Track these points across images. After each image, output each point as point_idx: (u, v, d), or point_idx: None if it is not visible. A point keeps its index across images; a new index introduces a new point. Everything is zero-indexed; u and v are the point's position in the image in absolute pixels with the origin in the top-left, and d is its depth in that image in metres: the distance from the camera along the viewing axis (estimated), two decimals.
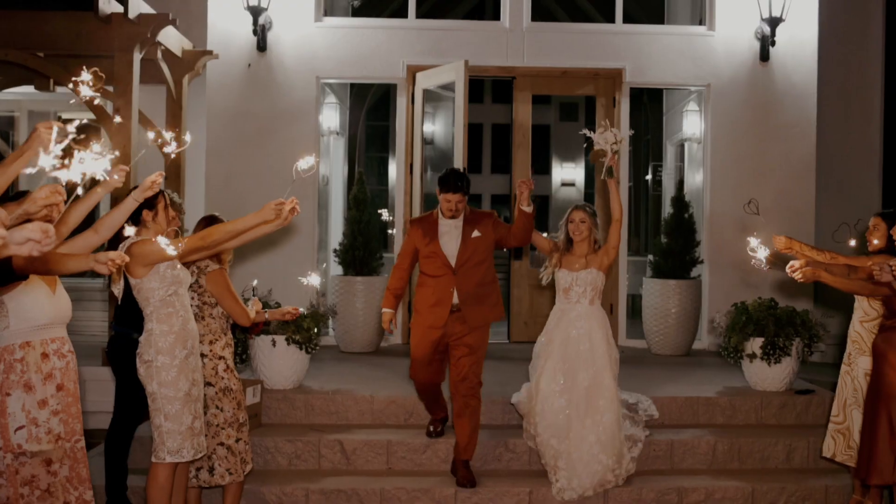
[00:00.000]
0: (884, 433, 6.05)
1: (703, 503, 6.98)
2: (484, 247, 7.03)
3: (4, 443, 4.78)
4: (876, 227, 6.58)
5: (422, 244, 7.07)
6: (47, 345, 4.92)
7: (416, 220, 7.35)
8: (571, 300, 7.00)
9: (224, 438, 6.02)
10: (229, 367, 6.04)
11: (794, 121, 11.05)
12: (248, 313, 6.14)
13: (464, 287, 6.96)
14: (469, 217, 7.08)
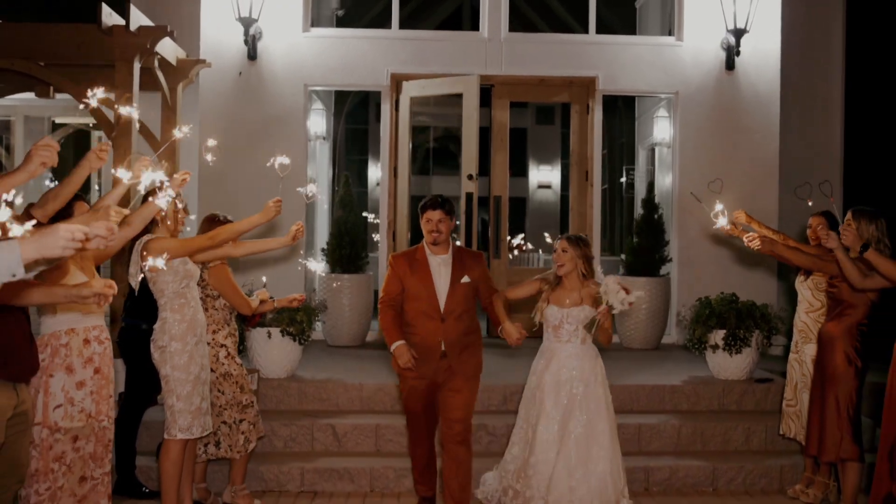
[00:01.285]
0: (831, 414, 6.65)
1: (667, 480, 7.57)
2: (471, 294, 6.54)
3: (44, 419, 5.34)
4: (819, 225, 7.13)
5: (410, 282, 6.45)
6: (89, 331, 5.50)
7: (400, 256, 6.66)
8: (562, 338, 6.44)
9: (226, 418, 6.59)
10: (230, 355, 6.60)
11: (759, 126, 11.65)
12: (249, 304, 6.70)
13: (451, 335, 6.41)
14: (457, 254, 6.58)
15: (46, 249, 3.20)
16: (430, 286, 6.44)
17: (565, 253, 6.46)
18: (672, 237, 11.58)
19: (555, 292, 6.49)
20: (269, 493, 7.22)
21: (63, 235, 3.19)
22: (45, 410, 5.37)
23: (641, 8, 14.75)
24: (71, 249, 3.23)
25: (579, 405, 6.30)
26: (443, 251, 6.51)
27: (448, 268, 6.48)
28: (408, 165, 11.64)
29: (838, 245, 6.15)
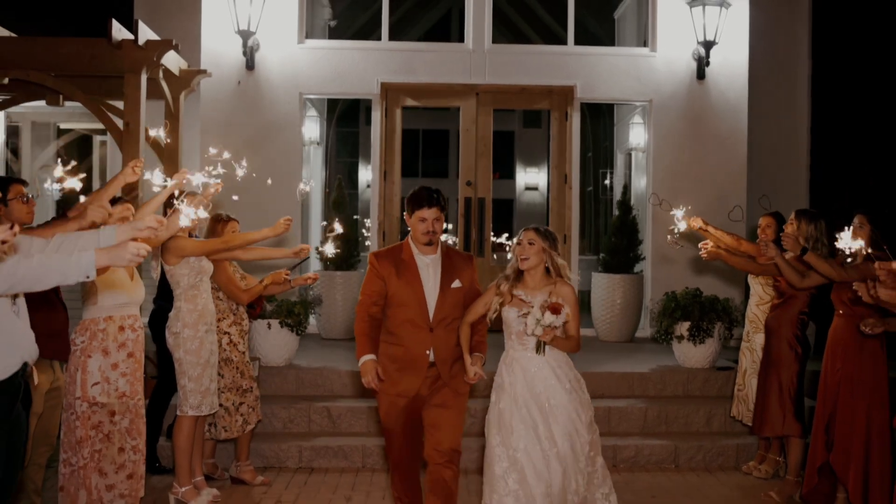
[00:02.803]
0: (774, 393, 7.41)
1: (633, 458, 8.28)
2: (461, 301, 5.91)
3: (83, 394, 6.15)
4: (769, 225, 7.89)
5: (394, 285, 5.79)
6: (124, 319, 6.32)
7: (383, 254, 5.96)
8: (528, 346, 5.71)
9: (223, 401, 7.30)
10: (232, 342, 7.31)
11: (728, 132, 12.36)
12: (241, 296, 7.32)
13: (441, 346, 5.81)
14: (447, 255, 5.96)
15: (116, 260, 4.01)
16: (419, 291, 5.78)
17: (531, 245, 5.74)
18: (646, 237, 12.28)
19: (516, 290, 5.77)
20: (270, 469, 7.93)
21: (131, 251, 4.02)
22: (83, 387, 6.17)
23: (619, 19, 15.46)
24: (136, 262, 4.02)
25: (554, 420, 5.59)
26: (432, 251, 5.87)
27: (437, 270, 5.85)
28: (398, 169, 12.34)
29: (776, 254, 6.84)
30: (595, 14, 15.74)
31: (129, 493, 6.38)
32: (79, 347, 6.22)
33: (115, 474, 6.30)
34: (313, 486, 7.66)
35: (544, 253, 5.77)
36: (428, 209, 5.77)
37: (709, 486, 7.80)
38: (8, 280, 3.96)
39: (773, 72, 13.19)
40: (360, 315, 5.89)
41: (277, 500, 7.23)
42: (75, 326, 6.33)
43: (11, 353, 4.23)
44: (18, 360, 4.26)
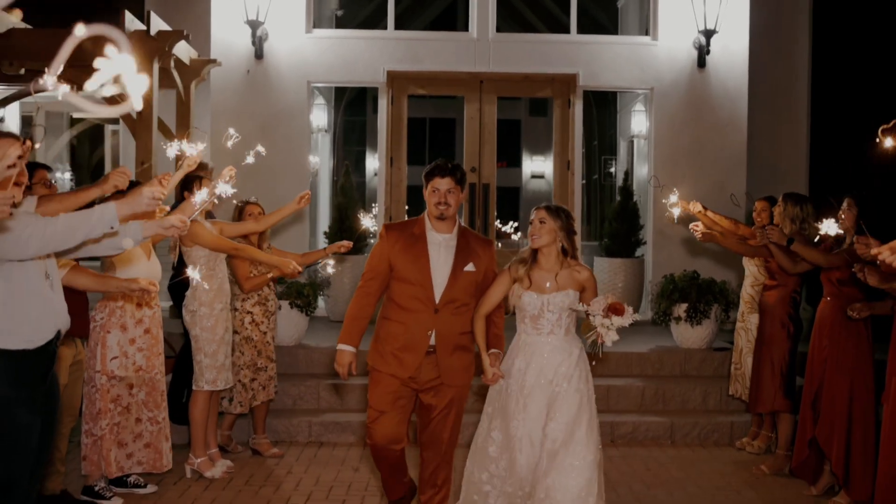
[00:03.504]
0: (766, 370, 7.69)
1: (630, 434, 8.57)
2: (474, 287, 5.59)
3: (102, 367, 6.49)
4: (763, 209, 8.19)
5: (401, 260, 5.49)
6: (142, 297, 6.49)
7: (394, 227, 5.69)
8: (542, 330, 5.53)
9: (241, 377, 7.61)
10: (254, 321, 7.62)
11: (728, 120, 12.60)
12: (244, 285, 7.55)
13: (444, 331, 5.51)
14: (463, 236, 5.64)
15: (135, 207, 4.30)
16: (425, 269, 5.46)
17: (543, 224, 5.55)
18: (647, 221, 12.55)
19: (532, 274, 5.56)
20: (281, 444, 8.24)
21: (146, 195, 4.30)
22: (103, 361, 6.51)
23: (622, 8, 15.69)
24: (154, 205, 4.31)
25: (558, 407, 5.41)
26: (447, 229, 5.55)
27: (451, 250, 5.53)
28: (405, 156, 12.63)
29: (777, 239, 7.11)
30: (598, 2, 15.97)
31: (147, 461, 6.76)
32: (98, 323, 6.56)
33: (132, 444, 6.67)
34: (322, 458, 7.98)
35: (557, 232, 5.53)
36: (441, 178, 5.47)
37: (703, 460, 8.08)
38: (39, 241, 4.22)
39: (773, 59, 13.42)
40: (358, 294, 5.60)
41: (289, 471, 7.55)
42: (95, 304, 6.66)
43: (46, 322, 4.51)
44: (53, 329, 4.54)
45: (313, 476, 7.47)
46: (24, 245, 4.22)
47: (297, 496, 6.94)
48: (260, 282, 7.59)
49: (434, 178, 5.50)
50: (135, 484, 6.84)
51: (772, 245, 7.21)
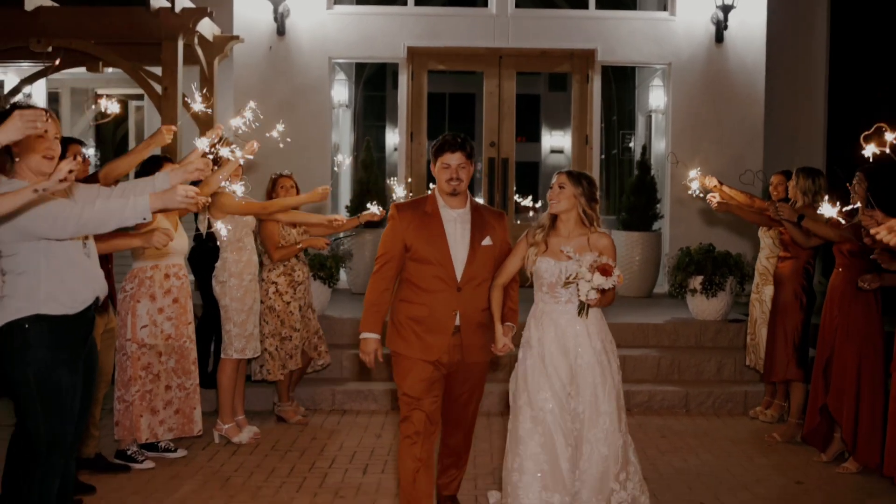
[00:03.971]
0: (780, 341, 7.86)
1: (646, 403, 8.76)
2: (491, 261, 5.48)
3: (133, 336, 6.76)
4: (780, 182, 8.34)
5: (416, 240, 5.34)
6: (170, 268, 6.92)
7: (405, 206, 5.51)
8: (560, 299, 5.37)
9: (267, 346, 7.84)
10: (279, 292, 7.83)
11: (745, 94, 12.72)
12: (274, 255, 7.78)
13: (467, 309, 5.38)
14: (476, 210, 5.53)
15: (168, 202, 4.54)
16: (444, 247, 5.34)
17: (562, 189, 5.39)
18: (664, 195, 12.70)
19: (550, 239, 5.42)
20: (305, 411, 8.45)
21: (180, 193, 4.51)
22: (133, 329, 6.78)
23: None
24: (185, 203, 4.52)
25: (582, 378, 5.30)
26: (460, 205, 5.43)
27: (466, 226, 5.41)
28: (425, 131, 12.82)
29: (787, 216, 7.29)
30: None
31: (178, 426, 7.02)
32: (128, 294, 6.81)
33: (163, 411, 6.92)
34: (346, 425, 8.21)
35: (576, 198, 5.35)
36: (451, 154, 5.33)
37: (716, 428, 8.27)
38: (76, 224, 4.48)
39: (791, 34, 13.51)
40: (374, 278, 5.42)
41: (313, 438, 7.79)
42: (125, 275, 6.90)
43: (85, 289, 4.77)
44: (91, 295, 4.81)
45: (337, 442, 7.70)
46: (61, 227, 4.49)
47: (322, 461, 7.17)
48: (288, 252, 7.80)
49: (444, 153, 5.35)
50: (165, 448, 7.10)
51: (786, 224, 7.39)
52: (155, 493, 6.37)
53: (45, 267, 4.63)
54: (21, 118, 3.90)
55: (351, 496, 6.39)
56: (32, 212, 4.41)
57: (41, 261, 4.62)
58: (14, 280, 4.61)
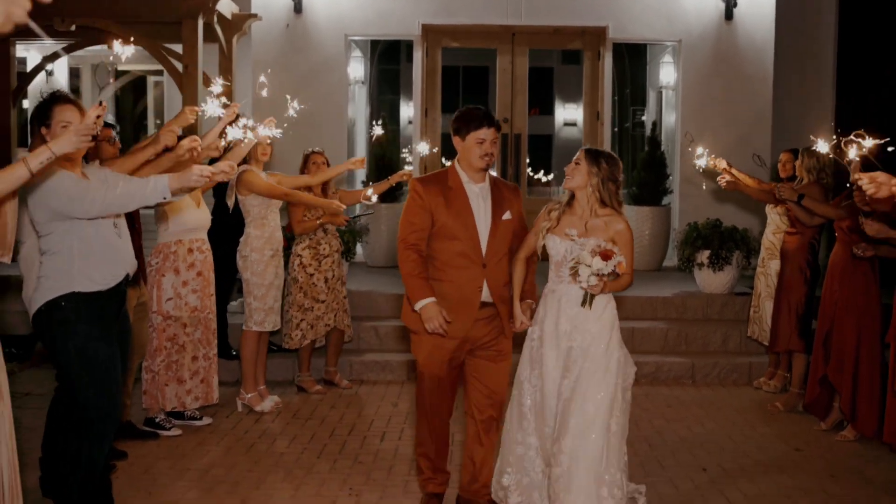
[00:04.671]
0: (784, 313, 8.14)
1: (654, 373, 9.05)
2: (511, 235, 5.43)
3: (158, 308, 7.05)
4: (788, 160, 8.59)
5: (444, 215, 5.26)
6: (193, 243, 7.19)
7: (427, 180, 5.41)
8: (564, 278, 5.21)
9: (290, 317, 8.19)
10: (303, 264, 8.19)
11: (754, 72, 12.90)
12: (296, 229, 8.20)
13: (493, 285, 5.35)
14: (494, 184, 5.48)
15: (185, 182, 4.80)
16: (471, 222, 5.29)
17: (578, 165, 5.26)
18: (674, 171, 12.94)
19: (564, 217, 5.30)
20: (324, 382, 8.76)
21: (196, 172, 4.78)
22: (158, 302, 7.08)
23: None
24: (202, 181, 4.81)
25: (573, 361, 5.17)
26: (481, 179, 5.38)
27: (487, 201, 5.36)
28: (439, 107, 13.08)
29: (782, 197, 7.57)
30: None
31: (203, 395, 7.36)
32: (154, 268, 7.11)
33: (190, 380, 7.24)
34: (363, 395, 8.53)
35: (588, 177, 5.21)
36: (487, 129, 5.24)
37: (721, 398, 8.56)
38: (101, 204, 4.79)
39: (800, 13, 13.62)
40: (404, 254, 5.30)
41: (332, 406, 8.10)
42: (151, 250, 7.21)
43: (115, 266, 5.07)
44: (122, 272, 5.11)
45: (355, 411, 8.01)
46: (87, 207, 4.80)
47: (341, 428, 7.49)
48: (309, 226, 8.15)
49: (480, 128, 5.24)
50: (191, 416, 7.43)
51: (790, 205, 7.69)
52: (183, 459, 6.70)
53: (78, 246, 4.91)
54: (76, 133, 4.17)
55: (369, 462, 6.71)
56: (62, 192, 4.73)
57: (73, 240, 4.91)
58: (50, 260, 4.91)
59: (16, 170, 4.10)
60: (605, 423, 5.05)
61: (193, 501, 5.87)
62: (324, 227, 8.28)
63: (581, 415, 5.05)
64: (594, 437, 5.02)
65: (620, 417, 5.14)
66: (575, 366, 5.13)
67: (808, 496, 6.07)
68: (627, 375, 5.25)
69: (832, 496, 6.08)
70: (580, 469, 5.00)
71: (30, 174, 4.10)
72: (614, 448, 5.09)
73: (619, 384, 5.16)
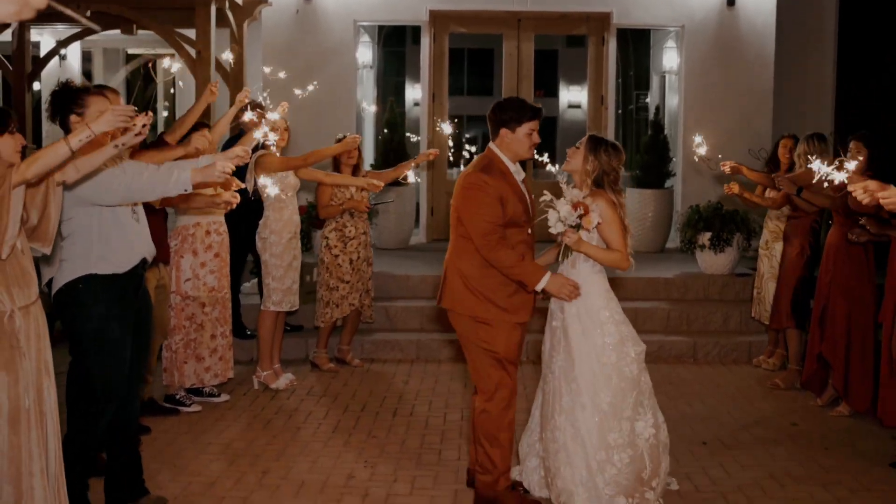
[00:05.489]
0: (784, 292, 8.39)
1: (656, 352, 9.29)
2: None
3: (177, 288, 7.37)
4: (785, 145, 8.85)
5: (511, 203, 5.33)
6: (210, 225, 7.49)
7: (487, 170, 5.37)
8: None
9: (320, 296, 8.65)
10: (328, 246, 8.55)
11: (756, 57, 13.11)
12: (321, 213, 8.53)
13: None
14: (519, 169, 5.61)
15: (208, 177, 5.06)
16: (528, 208, 5.45)
17: (577, 149, 5.49)
18: (677, 154, 13.17)
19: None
20: (335, 360, 9.03)
21: (219, 168, 5.02)
22: (177, 283, 7.40)
23: None
24: (222, 178, 5.06)
25: (558, 342, 5.45)
26: (514, 162, 5.50)
27: (524, 185, 5.51)
28: (446, 91, 13.31)
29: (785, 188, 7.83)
30: None
31: (220, 372, 7.68)
32: (173, 249, 7.41)
33: (209, 358, 7.55)
34: (374, 373, 8.83)
35: (584, 163, 5.41)
36: (537, 120, 5.39)
37: (721, 375, 8.84)
38: (125, 192, 5.04)
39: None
40: (498, 250, 5.24)
41: (345, 384, 8.40)
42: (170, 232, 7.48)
43: (132, 250, 5.31)
44: (138, 256, 5.35)
45: (367, 388, 8.30)
46: (112, 195, 5.05)
47: (354, 404, 7.78)
48: (333, 211, 8.49)
49: (534, 119, 5.37)
50: (210, 393, 7.72)
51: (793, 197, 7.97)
52: (204, 434, 6.99)
53: (97, 230, 5.15)
54: (113, 113, 4.41)
55: (383, 436, 6.99)
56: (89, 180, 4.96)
57: (93, 224, 5.15)
58: (70, 243, 5.13)
59: (57, 148, 4.31)
60: (594, 402, 5.28)
61: (218, 472, 6.17)
62: (349, 212, 8.54)
63: (569, 393, 5.32)
64: (584, 414, 5.27)
65: (613, 396, 5.31)
66: (559, 345, 5.41)
67: (802, 467, 6.36)
68: (624, 355, 5.42)
69: (825, 468, 6.36)
70: (575, 445, 5.29)
71: (70, 152, 4.32)
72: (607, 426, 5.29)
73: (610, 364, 5.35)
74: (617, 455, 5.29)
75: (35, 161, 4.28)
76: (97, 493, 5.44)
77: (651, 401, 5.55)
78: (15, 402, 4.35)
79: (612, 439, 5.29)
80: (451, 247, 5.56)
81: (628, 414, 5.36)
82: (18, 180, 4.24)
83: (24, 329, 4.41)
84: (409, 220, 12.73)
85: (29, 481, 4.38)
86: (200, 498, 5.74)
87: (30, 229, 4.53)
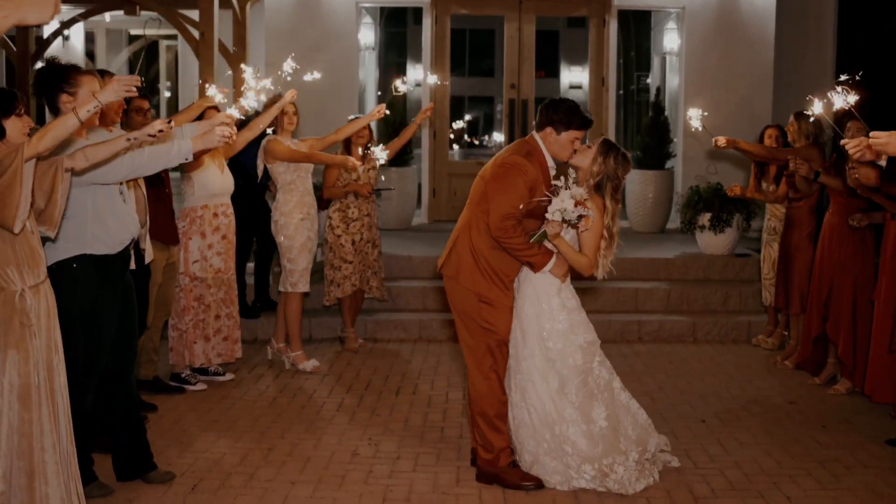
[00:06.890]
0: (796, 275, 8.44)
1: (656, 332, 9.42)
2: None
3: (185, 269, 7.46)
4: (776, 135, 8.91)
5: (540, 195, 5.47)
6: (217, 207, 7.58)
7: (529, 157, 5.53)
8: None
9: (325, 275, 8.77)
10: (331, 226, 8.69)
11: (756, 39, 13.14)
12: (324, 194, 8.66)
13: None
14: None
15: (208, 143, 5.19)
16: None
17: (588, 148, 5.60)
18: (677, 135, 13.23)
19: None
20: (339, 340, 9.13)
21: (218, 133, 5.13)
22: (186, 264, 7.48)
23: None
24: (223, 142, 5.16)
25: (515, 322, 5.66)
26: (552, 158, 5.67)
27: None
28: (448, 72, 13.35)
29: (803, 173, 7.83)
30: None
31: (226, 352, 7.78)
32: (181, 231, 7.48)
33: (214, 338, 7.64)
34: (378, 352, 8.94)
35: (590, 163, 5.51)
36: (584, 131, 5.58)
37: (721, 354, 8.94)
38: (129, 168, 5.15)
39: None
40: (512, 232, 5.42)
41: (347, 363, 8.50)
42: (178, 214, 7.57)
43: (121, 232, 5.40)
44: (129, 236, 5.46)
45: (370, 367, 8.40)
46: (117, 171, 5.14)
47: (358, 384, 7.88)
48: (336, 192, 8.61)
49: (582, 128, 5.53)
50: (215, 372, 7.82)
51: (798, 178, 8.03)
52: (210, 412, 7.09)
53: (91, 211, 5.24)
54: (119, 82, 4.48)
55: (386, 414, 7.09)
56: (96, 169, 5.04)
57: (87, 205, 5.24)
58: (65, 223, 5.12)
59: (66, 119, 4.38)
60: (544, 379, 5.51)
61: (224, 449, 6.27)
62: (354, 193, 8.63)
63: (519, 372, 5.58)
64: (536, 389, 5.51)
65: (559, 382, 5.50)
66: (514, 324, 5.62)
67: (799, 444, 6.45)
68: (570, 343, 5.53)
69: (822, 444, 6.46)
70: (532, 419, 5.53)
71: (79, 122, 4.40)
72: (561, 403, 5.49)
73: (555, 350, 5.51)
74: (572, 428, 5.46)
75: (45, 134, 4.35)
76: (107, 468, 5.55)
77: (605, 395, 5.61)
78: (25, 380, 4.45)
79: (568, 414, 5.48)
80: (467, 220, 5.68)
81: (572, 399, 5.51)
82: (31, 153, 4.31)
83: (34, 307, 4.51)
84: (410, 201, 12.80)
85: (41, 456, 4.48)
86: (207, 473, 5.84)
87: (37, 212, 4.60)
